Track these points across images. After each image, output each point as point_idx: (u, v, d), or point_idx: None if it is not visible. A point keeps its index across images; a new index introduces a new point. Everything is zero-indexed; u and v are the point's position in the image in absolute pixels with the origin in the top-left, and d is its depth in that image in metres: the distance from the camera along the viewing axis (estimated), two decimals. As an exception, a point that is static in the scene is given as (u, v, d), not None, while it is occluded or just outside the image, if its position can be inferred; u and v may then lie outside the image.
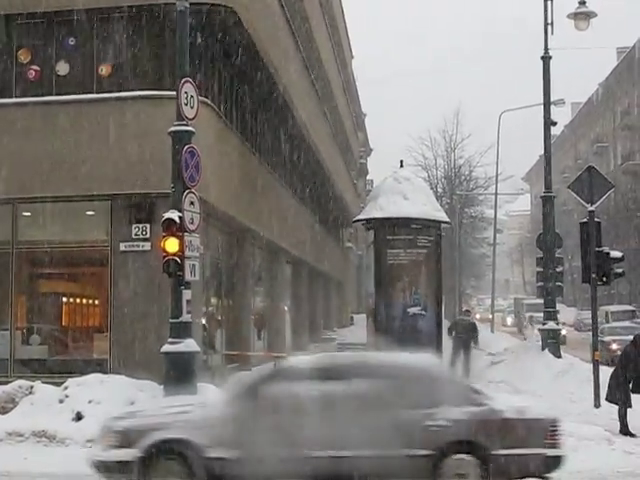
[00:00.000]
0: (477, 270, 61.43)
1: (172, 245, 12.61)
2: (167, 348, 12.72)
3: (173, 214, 12.65)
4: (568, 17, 20.56)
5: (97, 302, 17.45)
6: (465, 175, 53.41)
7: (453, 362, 22.08)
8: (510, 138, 51.54)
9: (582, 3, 20.59)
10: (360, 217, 19.30)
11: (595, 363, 15.98)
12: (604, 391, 14.42)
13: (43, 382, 14.25)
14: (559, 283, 21.27)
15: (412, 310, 17.27)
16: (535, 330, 29.10)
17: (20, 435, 12.61)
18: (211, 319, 19.26)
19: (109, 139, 15.79)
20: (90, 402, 13.08)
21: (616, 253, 16.72)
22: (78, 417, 12.99)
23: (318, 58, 31.99)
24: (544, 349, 20.51)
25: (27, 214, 17.04)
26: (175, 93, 13.03)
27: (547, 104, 21.57)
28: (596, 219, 16.22)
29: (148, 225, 15.73)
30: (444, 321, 20.59)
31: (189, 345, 12.76)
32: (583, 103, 68.79)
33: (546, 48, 21.34)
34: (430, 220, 17.81)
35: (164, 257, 12.66)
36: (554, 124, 22.16)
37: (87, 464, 9.31)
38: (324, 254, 36.19)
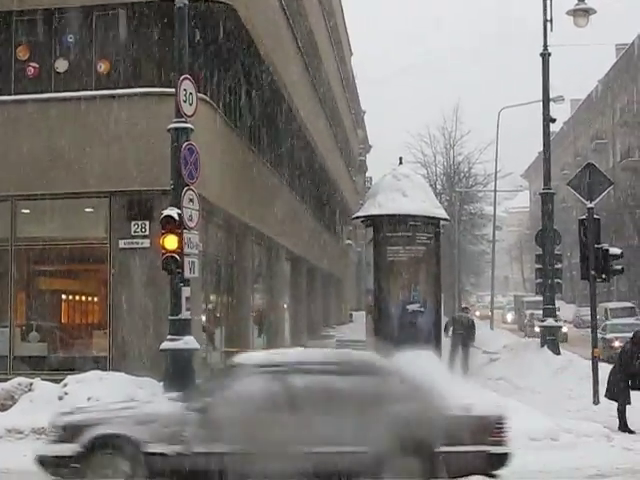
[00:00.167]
0: (476, 267, 61.41)
1: (171, 242, 12.61)
2: (166, 345, 12.74)
3: (172, 211, 12.66)
4: (567, 14, 20.56)
5: (96, 299, 17.44)
6: (464, 172, 53.41)
7: (452, 359, 22.12)
8: (509, 135, 51.44)
9: (581, 0, 20.58)
10: (359, 214, 19.34)
11: (594, 360, 15.99)
12: (603, 388, 14.43)
13: (42, 379, 14.24)
14: (558, 280, 21.27)
15: (411, 307, 17.30)
16: (536, 328, 29.07)
17: (20, 432, 12.59)
18: (210, 316, 19.26)
19: (108, 136, 15.79)
20: (89, 399, 13.03)
21: (615, 250, 16.73)
22: (77, 414, 12.98)
23: (317, 55, 31.96)
24: (543, 346, 20.52)
25: (26, 211, 17.02)
26: (174, 90, 13.03)
27: (546, 101, 21.57)
28: (595, 216, 16.23)
29: (147, 222, 15.73)
30: (443, 318, 20.62)
31: (188, 342, 12.77)
32: (582, 100, 68.64)
33: (545, 45, 21.35)
34: (429, 217, 17.84)
35: (163, 254, 12.67)
36: (553, 121, 22.15)
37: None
38: (323, 251, 36.16)
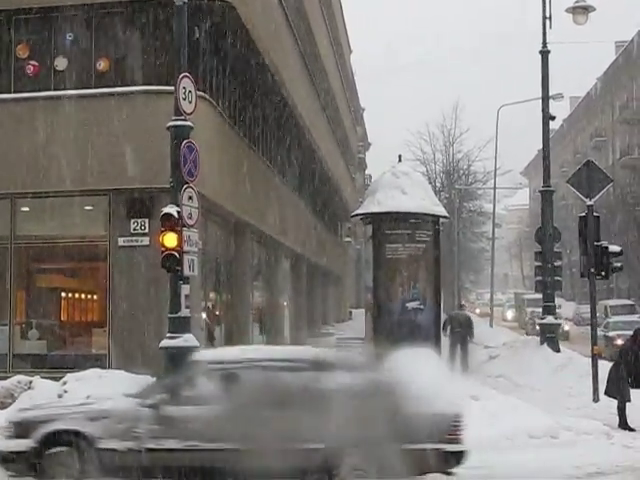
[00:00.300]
0: (476, 264, 61.36)
1: (171, 240, 12.59)
2: (166, 343, 12.71)
3: (172, 209, 12.64)
4: (566, 11, 20.52)
5: (96, 297, 17.44)
6: (464, 169, 53.38)
7: (452, 357, 22.11)
8: (509, 132, 51.39)
9: (580, -3, 20.57)
10: (358, 212, 19.31)
11: (594, 357, 15.99)
12: (603, 385, 14.42)
13: (42, 377, 14.26)
14: (558, 277, 21.26)
15: (411, 305, 17.29)
16: (537, 326, 29.01)
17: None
18: (210, 314, 19.26)
19: (107, 134, 15.79)
20: (89, 397, 13.04)
21: (615, 247, 16.72)
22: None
23: (316, 52, 31.94)
24: (543, 343, 20.52)
25: (25, 209, 17.03)
26: (173, 88, 13.01)
27: (545, 98, 21.54)
28: (595, 213, 16.23)
29: (147, 220, 15.73)
30: (443, 315, 20.62)
31: (188, 340, 12.74)
32: (582, 97, 68.62)
33: (544, 42, 21.33)
34: (429, 215, 17.83)
35: (163, 252, 12.64)
36: (553, 118, 22.14)
37: None
38: (323, 249, 36.18)
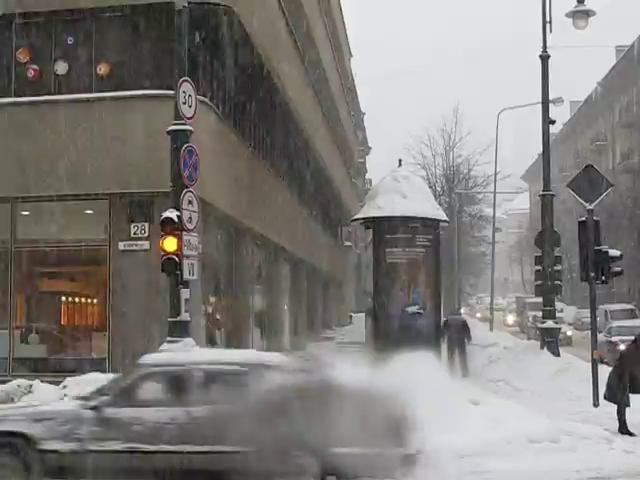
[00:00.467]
0: (476, 268, 61.36)
1: (171, 244, 12.61)
2: (165, 347, 12.71)
3: (172, 213, 12.66)
4: (567, 15, 20.53)
5: (96, 301, 17.44)
6: (464, 174, 53.34)
7: (451, 362, 22.05)
8: (509, 137, 51.44)
9: (581, 1, 20.48)
10: (358, 216, 19.31)
11: (594, 362, 15.98)
12: (603, 390, 14.39)
13: (42, 381, 14.28)
14: (558, 282, 21.26)
15: (411, 309, 17.29)
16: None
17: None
18: (210, 318, 19.24)
19: (108, 138, 15.82)
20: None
21: (615, 252, 16.69)
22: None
23: (317, 57, 31.95)
24: (543, 348, 20.51)
25: (26, 213, 17.04)
26: (173, 92, 13.03)
27: (546, 102, 21.56)
28: (595, 218, 16.22)
29: (147, 224, 15.75)
30: (443, 320, 20.60)
31: (188, 344, 12.74)
32: (582, 101, 68.67)
33: (545, 47, 21.36)
34: (429, 219, 17.83)
35: (163, 256, 12.66)
36: (553, 122, 22.14)
37: None
38: (323, 253, 36.17)
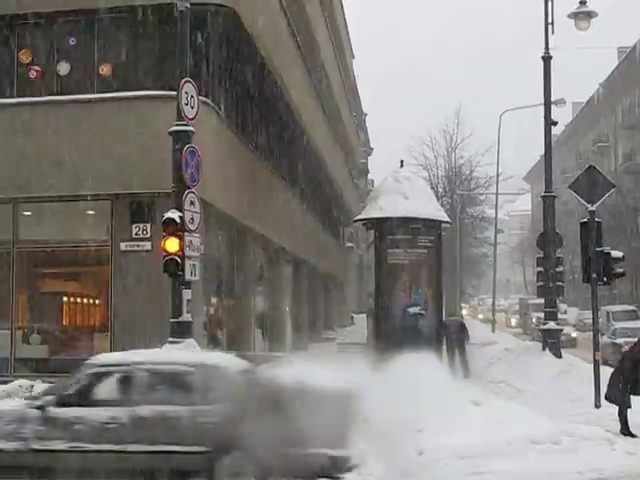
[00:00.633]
0: (478, 270, 61.25)
1: (172, 245, 12.61)
2: (167, 347, 12.70)
3: (173, 214, 12.66)
4: (569, 17, 20.54)
5: (97, 302, 17.46)
6: (466, 175, 53.34)
7: (452, 363, 22.00)
8: (511, 138, 51.45)
9: (583, 3, 20.54)
10: (360, 217, 19.31)
11: (596, 363, 15.96)
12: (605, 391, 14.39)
13: (43, 381, 14.25)
14: (560, 283, 21.24)
15: (412, 310, 17.29)
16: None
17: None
18: (212, 319, 19.25)
19: (110, 139, 15.81)
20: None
21: (617, 253, 16.67)
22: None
23: (319, 58, 31.97)
24: (544, 349, 20.49)
25: (28, 213, 17.05)
26: (176, 93, 13.04)
27: (548, 104, 21.57)
28: (597, 219, 16.20)
29: (149, 225, 15.75)
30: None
31: (189, 344, 12.75)
32: (584, 103, 68.64)
33: (547, 48, 21.33)
34: (431, 220, 17.83)
35: (164, 257, 12.67)
36: (555, 124, 22.15)
37: None
38: (325, 254, 36.17)
